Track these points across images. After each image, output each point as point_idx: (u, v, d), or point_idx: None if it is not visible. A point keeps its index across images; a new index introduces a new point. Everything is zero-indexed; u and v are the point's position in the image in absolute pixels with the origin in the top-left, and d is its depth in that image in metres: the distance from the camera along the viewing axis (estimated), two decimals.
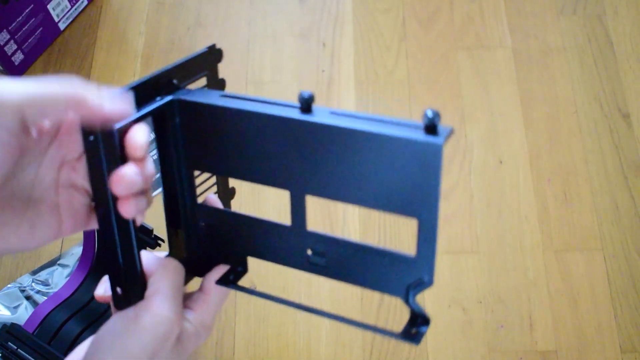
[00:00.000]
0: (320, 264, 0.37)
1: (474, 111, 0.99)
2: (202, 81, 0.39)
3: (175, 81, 0.36)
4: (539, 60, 1.03)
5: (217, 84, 0.40)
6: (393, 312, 0.86)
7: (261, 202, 0.92)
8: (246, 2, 1.08)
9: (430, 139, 0.30)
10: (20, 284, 0.86)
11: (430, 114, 0.29)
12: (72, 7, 1.05)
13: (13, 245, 0.31)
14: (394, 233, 0.90)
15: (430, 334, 0.85)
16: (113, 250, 0.33)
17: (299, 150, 0.33)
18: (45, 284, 0.86)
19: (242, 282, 0.43)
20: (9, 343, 0.71)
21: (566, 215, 0.92)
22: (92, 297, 0.83)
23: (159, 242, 0.81)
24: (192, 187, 0.38)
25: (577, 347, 0.84)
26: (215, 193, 0.41)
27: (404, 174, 0.31)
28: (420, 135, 0.30)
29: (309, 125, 0.32)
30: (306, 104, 0.32)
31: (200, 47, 1.13)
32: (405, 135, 0.30)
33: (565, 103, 1.00)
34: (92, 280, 0.85)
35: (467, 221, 0.91)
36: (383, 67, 1.03)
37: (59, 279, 0.86)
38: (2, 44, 0.96)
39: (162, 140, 0.36)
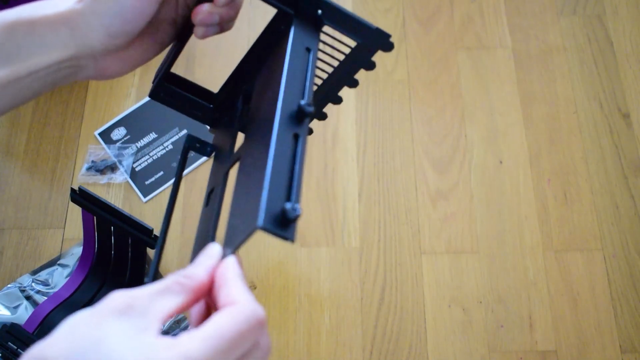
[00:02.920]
0: (206, 201, 0.41)
1: (474, 111, 0.99)
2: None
3: (321, 13, 0.39)
4: (539, 60, 1.03)
5: (365, 62, 0.43)
6: (393, 311, 0.86)
7: None
8: (246, 2, 1.08)
9: (261, 217, 0.28)
10: (20, 284, 0.86)
11: (289, 209, 0.29)
12: None
13: (147, 59, 0.41)
14: (393, 232, 0.90)
15: (430, 333, 0.85)
16: None
17: (263, 128, 0.36)
18: (45, 284, 0.86)
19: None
20: (9, 343, 0.71)
21: (566, 215, 0.92)
22: (92, 297, 0.83)
23: None
24: (254, 71, 0.44)
25: (577, 347, 0.84)
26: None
27: (248, 207, 0.31)
28: (268, 205, 0.29)
29: (272, 122, 0.34)
30: (300, 114, 0.34)
31: (200, 47, 1.13)
32: (267, 191, 0.30)
33: (565, 103, 1.00)
34: (92, 280, 0.85)
35: (467, 221, 0.91)
36: (383, 67, 1.03)
37: (59, 279, 0.86)
38: None
39: (272, 23, 0.43)
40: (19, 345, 0.71)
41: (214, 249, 0.32)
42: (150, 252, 0.88)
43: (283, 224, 0.29)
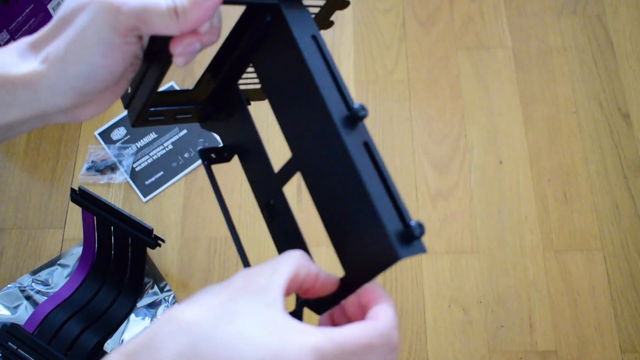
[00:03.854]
0: (270, 215, 0.40)
1: (474, 111, 0.99)
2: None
3: None
4: (539, 60, 1.03)
5: (339, 3, 0.42)
6: None
7: None
8: None
9: (396, 244, 0.30)
10: (20, 284, 0.86)
11: (415, 226, 0.30)
12: None
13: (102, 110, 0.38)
14: None
15: (430, 334, 0.85)
16: None
17: (320, 140, 0.34)
18: (45, 284, 0.86)
19: None
20: (9, 343, 0.71)
21: (566, 215, 0.92)
22: (92, 297, 0.83)
23: (159, 242, 0.81)
24: (240, 69, 0.41)
25: (577, 347, 0.84)
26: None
27: (362, 231, 0.32)
28: (392, 230, 0.30)
29: (339, 137, 0.33)
30: (353, 119, 0.33)
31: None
32: (383, 215, 0.30)
33: (565, 103, 1.00)
34: (92, 280, 0.85)
35: (467, 221, 0.91)
36: (383, 67, 1.03)
37: (59, 279, 0.86)
38: (2, 44, 0.96)
39: (244, 20, 0.38)
40: (19, 345, 0.71)
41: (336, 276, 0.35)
42: (150, 252, 0.88)
43: (409, 241, 0.30)
